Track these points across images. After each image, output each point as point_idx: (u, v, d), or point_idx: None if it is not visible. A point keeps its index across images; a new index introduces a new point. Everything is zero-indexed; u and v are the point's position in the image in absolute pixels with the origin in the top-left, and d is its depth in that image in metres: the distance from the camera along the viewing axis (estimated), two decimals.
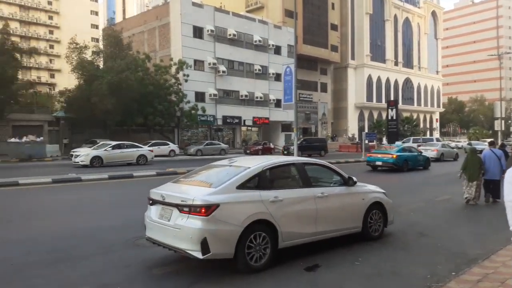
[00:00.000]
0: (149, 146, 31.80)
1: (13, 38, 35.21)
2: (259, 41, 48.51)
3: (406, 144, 27.00)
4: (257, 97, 48.84)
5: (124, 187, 14.21)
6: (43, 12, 74.43)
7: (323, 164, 6.49)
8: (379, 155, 20.61)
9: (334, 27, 61.68)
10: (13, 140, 28.82)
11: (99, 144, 25.00)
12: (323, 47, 58.88)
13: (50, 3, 75.20)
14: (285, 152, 33.45)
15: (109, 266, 5.33)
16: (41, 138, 31.38)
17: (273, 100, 49.74)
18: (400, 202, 10.09)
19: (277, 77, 47.46)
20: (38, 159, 26.78)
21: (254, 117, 48.98)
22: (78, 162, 21.51)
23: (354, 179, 6.40)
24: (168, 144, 33.72)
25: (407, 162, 20.01)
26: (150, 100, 35.89)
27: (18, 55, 31.53)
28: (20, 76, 33.51)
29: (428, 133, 77.02)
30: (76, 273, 5.09)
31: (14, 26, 61.67)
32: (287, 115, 45.96)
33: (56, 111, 38.65)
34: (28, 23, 72.42)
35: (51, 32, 74.86)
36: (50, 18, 75.11)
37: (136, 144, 24.84)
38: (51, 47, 74.40)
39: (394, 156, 19.64)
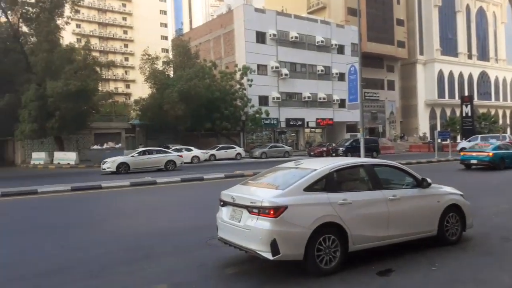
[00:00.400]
0: (216, 150, 33.27)
1: (94, 53, 38.41)
2: (322, 41, 47.97)
3: (500, 142, 25.25)
4: (320, 98, 48.26)
5: (196, 189, 14.78)
6: (119, 27, 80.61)
7: (394, 165, 6.25)
8: (474, 154, 20.07)
9: (400, 22, 59.08)
10: (95, 147, 31.40)
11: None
12: (389, 43, 56.61)
13: (124, 19, 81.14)
14: (333, 154, 31.42)
15: (184, 265, 5.61)
16: (120, 144, 33.85)
17: (337, 100, 48.86)
18: (483, 203, 9.47)
19: (341, 77, 46.58)
20: None
21: (317, 119, 48.46)
22: (105, 169, 21.56)
23: (429, 180, 6.11)
24: (235, 148, 35.00)
25: (504, 160, 19.25)
26: (217, 105, 37.22)
27: (98, 69, 34.28)
28: (100, 88, 36.40)
29: (509, 130, 70.57)
30: (154, 271, 5.43)
31: (94, 42, 67.18)
32: (352, 115, 44.75)
33: (132, 119, 41.50)
34: (106, 38, 78.76)
35: (125, 46, 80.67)
36: (125, 32, 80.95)
37: (165, 149, 25.23)
38: (126, 59, 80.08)
39: (490, 154, 19.06)
